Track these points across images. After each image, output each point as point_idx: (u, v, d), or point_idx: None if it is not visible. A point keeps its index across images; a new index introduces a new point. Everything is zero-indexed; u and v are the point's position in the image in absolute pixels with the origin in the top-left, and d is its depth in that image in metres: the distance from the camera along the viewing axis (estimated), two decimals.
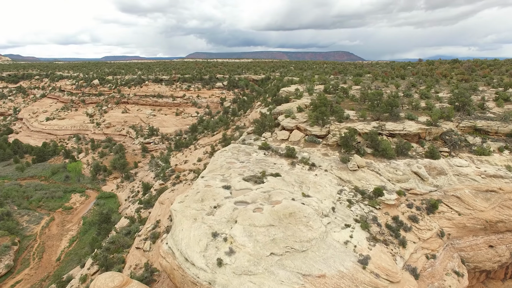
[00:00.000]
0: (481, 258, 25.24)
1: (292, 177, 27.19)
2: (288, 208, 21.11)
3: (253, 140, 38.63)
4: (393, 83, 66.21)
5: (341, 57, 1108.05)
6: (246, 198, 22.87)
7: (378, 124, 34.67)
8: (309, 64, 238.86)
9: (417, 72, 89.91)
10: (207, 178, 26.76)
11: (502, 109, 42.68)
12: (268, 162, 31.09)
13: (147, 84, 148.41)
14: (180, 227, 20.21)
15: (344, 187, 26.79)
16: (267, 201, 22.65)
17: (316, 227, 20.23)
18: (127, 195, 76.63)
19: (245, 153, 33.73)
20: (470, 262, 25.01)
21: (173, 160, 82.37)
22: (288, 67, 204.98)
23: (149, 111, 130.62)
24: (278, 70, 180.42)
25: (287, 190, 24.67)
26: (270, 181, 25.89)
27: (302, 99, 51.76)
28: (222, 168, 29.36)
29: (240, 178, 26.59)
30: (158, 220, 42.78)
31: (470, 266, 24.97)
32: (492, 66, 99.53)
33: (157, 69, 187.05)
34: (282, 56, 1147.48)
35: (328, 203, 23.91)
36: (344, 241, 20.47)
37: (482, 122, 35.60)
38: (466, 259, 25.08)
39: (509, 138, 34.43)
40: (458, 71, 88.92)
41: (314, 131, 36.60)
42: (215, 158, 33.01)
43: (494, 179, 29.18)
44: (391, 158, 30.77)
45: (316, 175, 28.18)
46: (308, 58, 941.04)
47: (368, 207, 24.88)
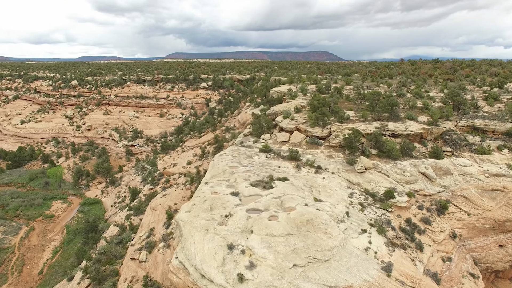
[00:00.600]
0: (492, 258, 25.14)
1: (300, 181, 26.19)
2: (304, 215, 20.06)
3: (252, 143, 37.40)
4: (383, 82, 66.76)
5: (321, 57, 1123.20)
6: (258, 205, 21.63)
7: (380, 124, 34.27)
8: (292, 64, 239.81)
9: (403, 71, 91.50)
10: (212, 184, 25.32)
11: (493, 108, 43.53)
12: (272, 165, 29.96)
13: (129, 85, 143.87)
14: (191, 239, 18.72)
15: (354, 190, 26.04)
16: (280, 207, 21.51)
17: (335, 234, 19.28)
18: (113, 201, 73.43)
19: (246, 156, 32.46)
20: (482, 263, 24.84)
21: (161, 163, 79.77)
22: (272, 67, 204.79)
23: (132, 112, 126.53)
24: (263, 70, 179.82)
25: (298, 195, 23.63)
26: (279, 186, 24.77)
27: (297, 99, 51.02)
28: (225, 173, 27.97)
29: (247, 183, 25.33)
30: (152, 227, 40.72)
31: (483, 267, 24.81)
32: (472, 66, 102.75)
33: (138, 70, 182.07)
34: (262, 56, 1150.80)
35: (342, 207, 23.05)
36: (364, 247, 19.64)
37: (480, 121, 35.94)
38: (479, 260, 24.89)
39: (506, 136, 34.87)
40: (441, 71, 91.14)
41: (315, 132, 35.79)
42: (215, 162, 31.54)
43: (497, 177, 29.30)
44: (396, 159, 30.37)
45: (324, 178, 27.31)
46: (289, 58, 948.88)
47: (380, 210, 24.23)
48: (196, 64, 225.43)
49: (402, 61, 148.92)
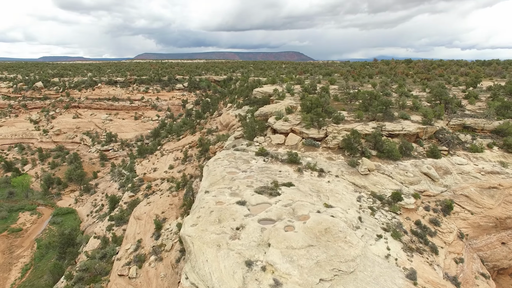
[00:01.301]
0: (498, 256, 25.31)
1: (306, 186, 25.02)
2: (321, 224, 18.86)
3: (246, 146, 35.84)
4: (366, 82, 67.48)
5: (292, 57, 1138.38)
6: (269, 214, 20.17)
7: (377, 124, 33.94)
8: (268, 64, 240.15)
9: (380, 71, 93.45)
10: (214, 193, 23.51)
11: (474, 107, 44.85)
12: (272, 170, 28.59)
13: (100, 87, 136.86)
14: (202, 257, 16.90)
15: (361, 193, 25.26)
16: (293, 216, 20.18)
17: (355, 242, 18.23)
18: (89, 210, 68.76)
19: (243, 161, 30.86)
20: (489, 262, 24.92)
21: (139, 168, 75.95)
22: (248, 67, 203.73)
23: (105, 115, 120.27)
24: (239, 70, 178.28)
25: (307, 201, 22.42)
26: (286, 192, 23.45)
27: (285, 100, 50.00)
28: (225, 180, 26.24)
29: (251, 190, 23.78)
30: (138, 239, 38.00)
31: (489, 266, 24.90)
32: (442, 66, 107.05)
33: (109, 71, 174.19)
34: (234, 56, 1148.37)
35: (353, 212, 22.14)
36: (384, 254, 18.77)
37: (470, 119, 36.65)
38: (485, 259, 24.96)
39: (494, 134, 35.73)
40: (415, 70, 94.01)
41: (311, 133, 34.86)
42: (211, 168, 29.66)
43: (492, 175, 29.74)
44: (396, 160, 30.05)
45: (328, 182, 26.33)
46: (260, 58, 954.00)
47: (390, 214, 23.59)
48: (170, 65, 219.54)
49: (376, 61, 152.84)
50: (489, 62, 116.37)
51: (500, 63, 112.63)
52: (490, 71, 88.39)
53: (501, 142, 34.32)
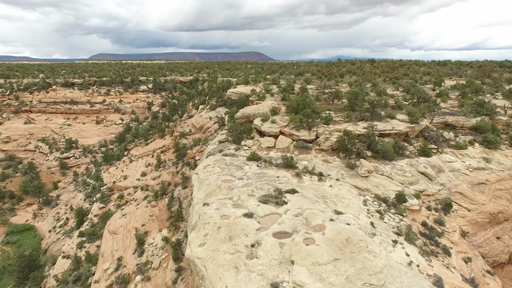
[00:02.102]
0: (496, 251, 25.88)
1: (310, 192, 23.74)
2: (341, 234, 17.63)
3: (235, 150, 33.85)
4: (340, 81, 68.21)
5: (252, 57, 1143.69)
6: (283, 227, 18.54)
7: (368, 124, 33.65)
8: (233, 64, 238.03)
9: (349, 70, 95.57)
10: (215, 205, 21.38)
11: (447, 105, 46.71)
12: (269, 176, 26.97)
13: (55, 89, 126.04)
14: (220, 283, 14.86)
15: (366, 196, 24.52)
16: (308, 227, 18.74)
17: (378, 251, 17.20)
18: (51, 225, 62.22)
19: (236, 167, 28.90)
20: (489, 258, 25.38)
21: (107, 176, 70.45)
22: (213, 67, 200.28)
23: (62, 120, 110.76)
24: (204, 71, 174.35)
25: (316, 209, 21.12)
26: (292, 200, 21.97)
27: (267, 100, 48.60)
28: (221, 189, 24.15)
29: (255, 200, 22.00)
30: (118, 257, 34.47)
31: (490, 261, 25.36)
32: (404, 65, 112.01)
33: (64, 72, 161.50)
34: (193, 57, 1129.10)
35: (364, 218, 21.23)
36: (406, 261, 17.99)
37: (451, 117, 37.78)
38: (485, 255, 25.38)
39: (473, 131, 37.14)
40: (381, 70, 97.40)
41: (302, 135, 33.75)
42: (202, 176, 27.35)
43: (479, 171, 30.66)
44: (392, 160, 29.87)
45: (331, 186, 25.29)
46: (220, 59, 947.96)
47: (397, 216, 23.06)
48: (131, 66, 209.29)
49: (340, 60, 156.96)
50: (444, 63, 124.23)
51: (452, 63, 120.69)
52: (448, 71, 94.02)
53: (480, 138, 35.68)
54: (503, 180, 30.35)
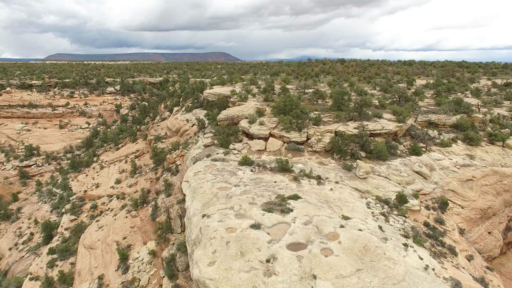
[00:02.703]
0: (490, 246, 26.51)
1: (312, 197, 22.81)
2: (357, 241, 16.82)
3: (224, 155, 32.21)
4: (318, 81, 68.50)
5: (219, 58, 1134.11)
6: (296, 237, 17.36)
7: (359, 124, 33.45)
8: (202, 64, 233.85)
9: (322, 70, 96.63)
10: (217, 216, 19.74)
11: (424, 103, 48.15)
12: (265, 181, 25.72)
13: (9, 92, 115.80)
14: None
15: (368, 199, 24.03)
16: (321, 235, 17.72)
17: (395, 257, 16.58)
18: (12, 242, 56.39)
19: (229, 173, 27.34)
20: (484, 253, 25.90)
21: (76, 185, 65.43)
22: (182, 68, 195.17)
23: (20, 125, 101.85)
24: (174, 72, 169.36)
25: (323, 215, 20.21)
26: (297, 207, 20.88)
27: (249, 101, 47.32)
28: (219, 198, 22.53)
29: (258, 209, 20.66)
30: (99, 275, 31.54)
31: (485, 257, 25.86)
32: (373, 65, 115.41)
33: (19, 73, 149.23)
34: (158, 57, 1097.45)
35: (372, 222, 20.64)
36: (422, 266, 17.55)
37: (434, 116, 38.67)
38: (481, 251, 25.88)
39: (454, 128, 38.27)
40: (352, 69, 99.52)
41: (293, 137, 32.85)
42: (194, 184, 25.52)
43: (465, 168, 31.50)
44: (385, 160, 29.78)
45: (331, 189, 24.53)
46: (186, 59, 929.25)
47: (401, 218, 22.77)
48: (95, 67, 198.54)
49: (310, 60, 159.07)
50: (409, 62, 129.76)
51: (417, 63, 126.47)
52: (415, 70, 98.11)
53: (461, 136, 36.82)
54: (487, 176, 31.36)
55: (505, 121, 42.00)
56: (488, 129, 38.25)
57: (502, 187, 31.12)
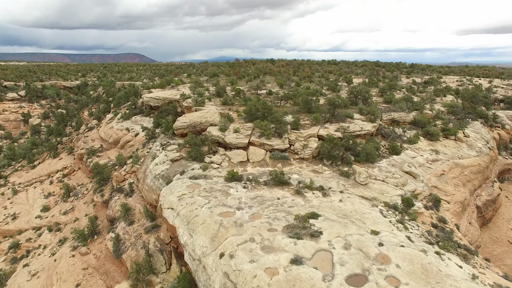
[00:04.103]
0: (475, 237, 28.01)
1: (329, 212, 20.63)
2: (414, 263, 15.27)
3: (202, 170, 27.86)
4: (266, 82, 67.01)
5: (133, 59, 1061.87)
6: (350, 268, 14.85)
7: (340, 127, 32.52)
8: (122, 66, 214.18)
9: (258, 70, 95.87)
10: (243, 255, 15.97)
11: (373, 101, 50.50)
12: (267, 198, 22.64)
13: None
14: None
15: (378, 206, 22.86)
16: (371, 260, 15.60)
17: (452, 273, 15.45)
18: None
19: (221, 193, 23.42)
20: (472, 244, 27.11)
21: None
22: (101, 70, 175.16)
23: None
24: (91, 74, 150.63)
25: (354, 233, 18.20)
26: (324, 227, 18.43)
27: (207, 106, 43.03)
28: (227, 228, 18.69)
29: (283, 236, 17.57)
30: None
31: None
32: (301, 65, 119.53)
33: None
34: (63, 59, 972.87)
35: (399, 233, 19.39)
36: (469, 276, 16.68)
37: (396, 114, 40.26)
38: (471, 243, 27.01)
39: (412, 125, 40.41)
40: (286, 69, 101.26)
41: (276, 144, 30.29)
42: (186, 212, 21.00)
43: (435, 163, 33.18)
44: (373, 162, 29.33)
45: (341, 200, 22.73)
46: (96, 61, 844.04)
47: (414, 223, 22.15)
48: None
49: (237, 60, 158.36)
50: (334, 62, 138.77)
51: (343, 63, 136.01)
52: (345, 69, 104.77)
53: (422, 132, 39.00)
54: (452, 169, 33.53)
55: (446, 116, 46.34)
56: (439, 124, 41.39)
57: (465, 178, 33.64)
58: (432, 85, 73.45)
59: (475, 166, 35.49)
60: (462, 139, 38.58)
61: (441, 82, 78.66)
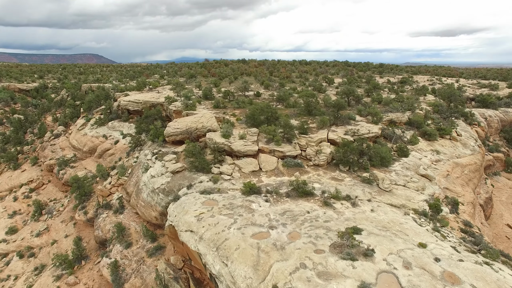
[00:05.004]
0: (490, 238, 28.07)
1: (369, 226, 19.20)
2: (487, 282, 14.22)
3: (213, 183, 25.30)
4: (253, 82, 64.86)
5: (90, 59, 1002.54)
6: None
7: (349, 129, 31.41)
8: (85, 67, 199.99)
9: (239, 70, 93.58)
10: (300, 286, 13.92)
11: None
12: (296, 212, 20.75)
13: None
14: None
15: (410, 215, 21.84)
16: (440, 280, 14.26)
17: None
18: None
19: (243, 209, 21.12)
20: None
21: None
22: (60, 71, 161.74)
23: None
24: (51, 76, 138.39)
25: (404, 248, 16.88)
26: (372, 244, 16.91)
27: (199, 109, 40.22)
28: (269, 253, 16.51)
29: (334, 258, 15.78)
30: None
31: None
32: (276, 65, 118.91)
33: None
34: (9, 58, 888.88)
35: (446, 244, 18.40)
36: None
37: (393, 114, 40.13)
38: None
39: (408, 125, 40.60)
40: (262, 69, 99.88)
41: (287, 151, 28.47)
42: (211, 235, 18.49)
43: (438, 163, 33.32)
44: (388, 166, 28.53)
45: (372, 210, 21.42)
46: (49, 61, 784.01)
47: (447, 230, 21.41)
48: None
49: (207, 61, 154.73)
50: (307, 62, 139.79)
51: (316, 63, 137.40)
52: (320, 69, 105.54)
53: (418, 132, 39.21)
54: (454, 168, 33.89)
55: (432, 115, 47.35)
56: (430, 124, 41.99)
57: (467, 177, 34.14)
58: (407, 84, 75.71)
59: (473, 165, 36.22)
60: (457, 138, 39.34)
61: (414, 82, 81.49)
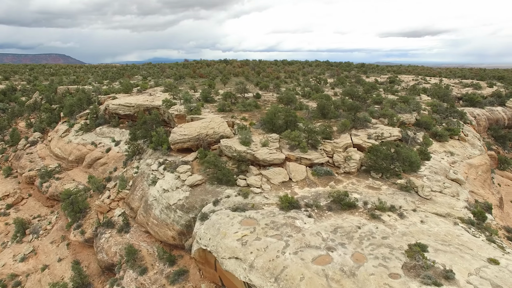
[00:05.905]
0: None
1: (428, 240, 17.84)
2: None
3: (243, 197, 23.02)
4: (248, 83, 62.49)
5: (57, 60, 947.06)
6: None
7: (369, 133, 30.11)
8: (55, 68, 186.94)
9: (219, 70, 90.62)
10: None
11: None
12: (348, 229, 19.02)
13: None
14: None
15: (459, 224, 20.77)
16: None
17: None
18: None
19: (290, 228, 19.05)
20: None
21: None
22: (29, 73, 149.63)
23: None
24: (18, 77, 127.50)
25: (480, 266, 15.62)
26: (447, 264, 15.57)
27: (205, 113, 37.50)
28: (340, 282, 14.74)
29: (418, 284, 14.19)
30: None
31: None
32: (258, 65, 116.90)
33: None
34: None
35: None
36: None
37: (403, 116, 39.49)
38: None
39: (416, 127, 40.20)
40: (248, 68, 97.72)
41: (315, 158, 26.69)
42: (265, 263, 16.33)
43: (455, 165, 32.99)
44: (417, 170, 27.55)
45: (422, 221, 20.16)
46: (9, 61, 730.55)
47: (496, 237, 20.58)
48: None
49: (186, 61, 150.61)
50: (290, 62, 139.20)
51: (300, 63, 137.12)
52: (307, 69, 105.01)
53: (428, 133, 38.85)
54: (469, 170, 33.72)
55: (432, 115, 47.57)
56: (436, 124, 41.92)
57: (482, 178, 34.10)
58: (395, 84, 76.59)
59: (484, 165, 36.33)
60: (465, 138, 39.44)
61: (401, 81, 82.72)
